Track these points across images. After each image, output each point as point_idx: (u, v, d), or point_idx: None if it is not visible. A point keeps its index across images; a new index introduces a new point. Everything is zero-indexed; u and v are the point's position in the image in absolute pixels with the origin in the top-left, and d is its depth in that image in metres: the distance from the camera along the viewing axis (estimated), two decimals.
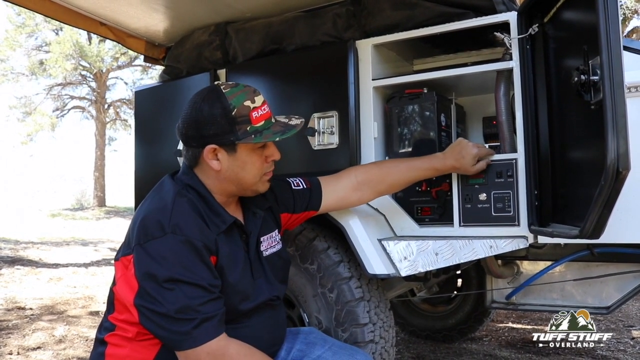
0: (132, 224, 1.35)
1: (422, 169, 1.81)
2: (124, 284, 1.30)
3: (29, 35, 17.86)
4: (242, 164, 1.40)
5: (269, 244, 1.56)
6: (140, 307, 1.25)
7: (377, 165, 1.85)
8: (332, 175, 1.80)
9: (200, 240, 1.28)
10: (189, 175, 1.43)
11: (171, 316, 1.22)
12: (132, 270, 1.27)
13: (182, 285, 1.24)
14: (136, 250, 1.27)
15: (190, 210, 1.33)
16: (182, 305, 1.23)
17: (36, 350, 3.49)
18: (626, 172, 1.22)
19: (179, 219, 1.28)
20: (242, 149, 1.39)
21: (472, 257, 1.76)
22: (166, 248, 1.25)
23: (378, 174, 1.79)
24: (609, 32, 1.22)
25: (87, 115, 20.40)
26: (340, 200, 1.77)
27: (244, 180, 1.42)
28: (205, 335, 1.24)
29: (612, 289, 2.31)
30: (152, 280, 1.24)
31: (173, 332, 1.23)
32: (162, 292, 1.23)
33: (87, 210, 17.78)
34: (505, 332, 3.74)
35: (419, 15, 1.98)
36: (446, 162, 1.78)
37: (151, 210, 1.32)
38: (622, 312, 4.09)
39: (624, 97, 1.22)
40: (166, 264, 1.24)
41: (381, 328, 1.88)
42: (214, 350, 1.25)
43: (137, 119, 2.77)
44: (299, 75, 2.20)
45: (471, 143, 1.78)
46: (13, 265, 7.12)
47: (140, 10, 2.42)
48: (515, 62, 1.78)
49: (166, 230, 1.26)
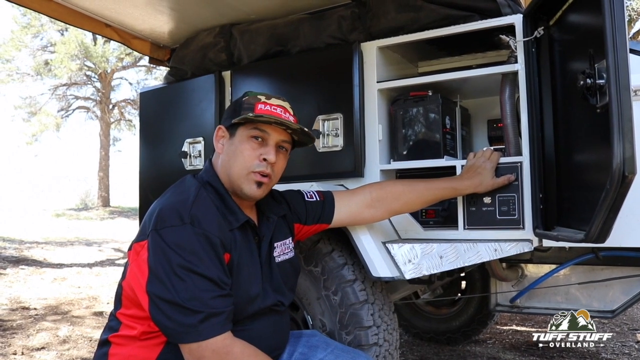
0: (148, 214, 1.35)
1: (440, 188, 1.79)
2: (135, 270, 1.30)
3: (34, 36, 17.92)
4: (234, 149, 1.43)
5: (282, 250, 1.56)
6: (151, 293, 1.24)
7: (393, 184, 1.84)
8: (347, 191, 1.81)
9: (217, 236, 1.29)
10: (209, 172, 1.47)
11: (180, 305, 1.22)
12: (145, 255, 1.27)
13: (194, 276, 1.23)
14: (152, 236, 1.27)
15: (210, 205, 1.35)
16: (192, 296, 1.22)
17: (40, 350, 3.50)
18: (632, 176, 1.21)
19: (199, 212, 1.29)
20: (239, 134, 1.44)
21: (476, 260, 1.75)
22: (182, 237, 1.25)
23: (393, 191, 1.77)
24: (615, 35, 1.22)
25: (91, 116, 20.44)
26: (353, 216, 1.75)
27: (232, 169, 1.42)
28: (211, 330, 1.24)
29: (617, 292, 2.30)
30: (165, 265, 1.23)
31: (179, 324, 1.23)
32: (173, 280, 1.23)
33: (92, 211, 17.82)
34: (509, 335, 3.73)
35: (424, 17, 1.98)
36: (465, 184, 1.79)
37: (171, 202, 1.33)
38: (627, 316, 4.07)
39: (630, 101, 1.22)
40: (181, 252, 1.24)
41: (385, 331, 1.87)
42: (219, 348, 1.25)
43: (142, 120, 2.77)
44: (304, 77, 2.21)
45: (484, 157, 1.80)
46: (17, 265, 7.14)
47: (145, 12, 2.43)
48: (521, 65, 1.77)
49: (185, 220, 1.26)
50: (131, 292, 1.32)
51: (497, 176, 1.79)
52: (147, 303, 1.26)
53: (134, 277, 1.30)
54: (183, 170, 2.48)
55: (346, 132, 2.03)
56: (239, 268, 1.37)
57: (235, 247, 1.36)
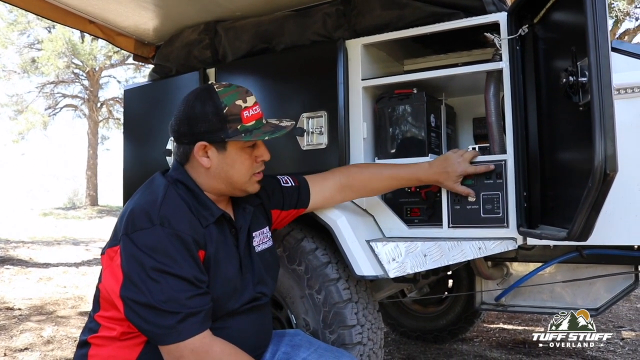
0: (120, 217, 1.34)
1: (405, 179, 1.84)
2: (109, 276, 1.29)
3: (21, 33, 17.74)
4: (231, 162, 1.41)
5: (261, 239, 1.56)
6: (126, 298, 1.23)
7: (361, 170, 1.85)
8: (318, 175, 1.81)
9: (189, 234, 1.28)
10: (178, 170, 1.44)
11: (157, 307, 1.21)
12: (118, 260, 1.26)
13: (168, 277, 1.22)
14: (123, 240, 1.26)
15: (180, 204, 1.33)
16: (168, 297, 1.21)
17: (24, 351, 3.46)
18: (614, 174, 1.21)
19: (168, 212, 1.28)
20: (232, 147, 1.40)
21: (461, 258, 1.75)
22: (153, 239, 1.24)
23: (361, 179, 1.81)
24: (596, 33, 1.22)
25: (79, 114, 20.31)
26: (326, 200, 1.80)
27: (233, 178, 1.43)
28: (189, 330, 1.23)
29: (601, 290, 2.32)
30: (138, 269, 1.22)
31: (157, 326, 1.22)
32: (147, 283, 1.21)
33: (79, 209, 17.70)
34: (496, 333, 3.74)
35: (409, 15, 1.97)
36: (430, 174, 1.79)
37: (140, 203, 1.31)
38: (612, 313, 4.10)
39: (612, 99, 1.22)
40: (153, 255, 1.22)
41: (369, 330, 1.87)
42: (197, 347, 1.24)
43: (126, 117, 2.74)
44: (289, 74, 2.19)
45: (460, 160, 1.76)
46: (2, 265, 7.06)
47: (129, 9, 2.40)
48: (505, 63, 1.77)
49: (154, 222, 1.25)
50: (108, 295, 1.31)
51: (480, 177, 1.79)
52: (123, 307, 1.25)
53: (108, 283, 1.29)
54: (167, 168, 2.44)
55: (331, 130, 2.02)
56: (216, 263, 1.36)
57: (211, 243, 1.35)
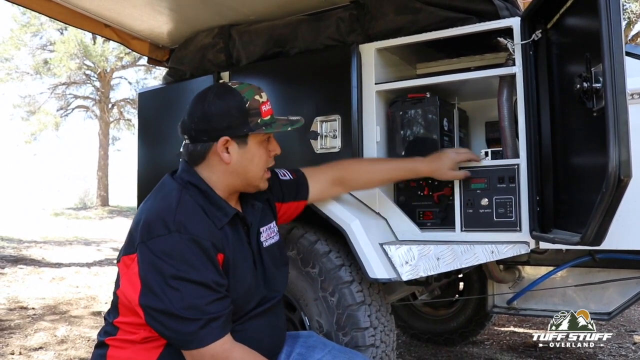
0: (134, 224, 1.33)
1: (402, 170, 1.89)
2: (127, 284, 1.29)
3: (33, 35, 17.94)
4: (251, 156, 1.42)
5: (268, 234, 1.56)
6: (145, 306, 1.24)
7: (357, 164, 1.90)
8: (314, 168, 1.83)
9: (207, 239, 1.27)
10: (189, 172, 1.42)
11: (177, 315, 1.21)
12: (136, 269, 1.26)
13: (188, 284, 1.22)
14: (140, 249, 1.26)
15: (195, 209, 1.32)
16: (188, 305, 1.22)
17: (38, 350, 3.50)
18: (628, 180, 1.21)
19: (184, 218, 1.28)
20: (251, 142, 1.42)
21: (473, 262, 1.76)
22: (171, 246, 1.23)
23: (357, 172, 1.85)
24: (611, 39, 1.22)
25: (90, 115, 20.48)
26: (323, 194, 1.82)
27: (251, 173, 1.44)
28: (211, 335, 1.24)
29: (613, 294, 2.31)
30: (157, 278, 1.22)
31: (179, 333, 1.23)
32: (167, 291, 1.21)
33: (90, 210, 17.82)
34: (507, 336, 3.74)
35: (423, 19, 1.99)
36: (424, 165, 1.84)
37: (155, 209, 1.31)
38: (624, 317, 4.08)
39: (627, 105, 1.22)
40: (171, 262, 1.22)
41: (382, 332, 1.88)
42: (218, 353, 1.25)
43: (141, 120, 2.77)
44: (302, 78, 2.21)
45: (454, 150, 1.85)
46: (16, 265, 7.14)
47: (145, 13, 2.43)
48: (518, 68, 1.78)
49: (171, 228, 1.25)
50: (127, 302, 1.31)
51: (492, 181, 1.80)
52: (144, 316, 1.26)
53: (127, 292, 1.29)
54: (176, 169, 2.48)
55: (344, 133, 2.04)
56: (235, 265, 1.36)
57: (227, 245, 1.35)
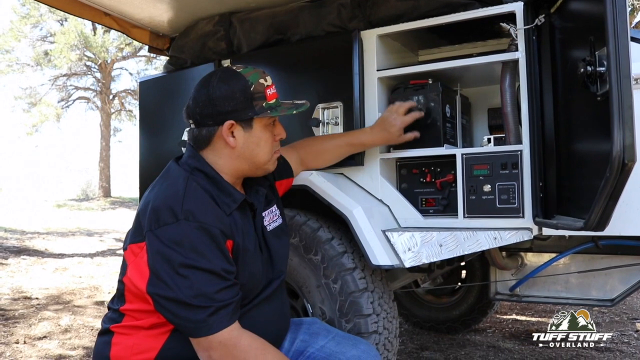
0: (141, 211, 1.32)
1: (352, 144, 1.95)
2: (135, 272, 1.29)
3: (33, 26, 17.85)
4: (257, 140, 1.41)
5: (271, 218, 1.56)
6: (154, 294, 1.24)
7: (315, 143, 1.96)
8: (285, 147, 1.85)
9: (215, 226, 1.27)
10: (195, 158, 1.41)
11: (187, 303, 1.21)
12: (144, 257, 1.26)
13: (197, 272, 1.22)
14: (148, 237, 1.25)
15: (203, 195, 1.31)
16: (197, 293, 1.21)
17: (42, 339, 3.53)
18: (632, 164, 1.21)
19: (192, 206, 1.27)
20: (257, 125, 1.41)
21: (476, 248, 1.76)
22: (179, 234, 1.23)
23: (316, 151, 1.93)
24: (616, 22, 1.21)
25: (92, 106, 20.42)
26: (295, 171, 1.85)
27: (258, 157, 1.43)
28: (220, 323, 1.23)
29: (616, 281, 2.31)
30: (166, 266, 1.22)
31: (188, 320, 1.23)
32: (175, 279, 1.21)
33: (93, 201, 17.85)
34: (509, 324, 3.75)
35: (424, 5, 1.97)
36: (374, 137, 1.92)
37: (162, 197, 1.30)
38: (627, 305, 4.09)
39: (631, 89, 1.22)
40: (180, 250, 1.22)
41: (385, 319, 1.88)
42: (226, 340, 1.25)
43: (142, 109, 2.76)
44: (304, 65, 2.20)
45: (395, 116, 1.90)
46: (19, 255, 7.17)
47: (145, 1, 2.41)
48: (521, 53, 1.77)
49: (179, 216, 1.24)
50: (134, 289, 1.31)
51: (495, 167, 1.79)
52: (153, 303, 1.26)
53: (135, 280, 1.29)
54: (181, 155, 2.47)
55: (346, 120, 2.03)
56: (244, 250, 1.36)
57: (237, 231, 1.34)
